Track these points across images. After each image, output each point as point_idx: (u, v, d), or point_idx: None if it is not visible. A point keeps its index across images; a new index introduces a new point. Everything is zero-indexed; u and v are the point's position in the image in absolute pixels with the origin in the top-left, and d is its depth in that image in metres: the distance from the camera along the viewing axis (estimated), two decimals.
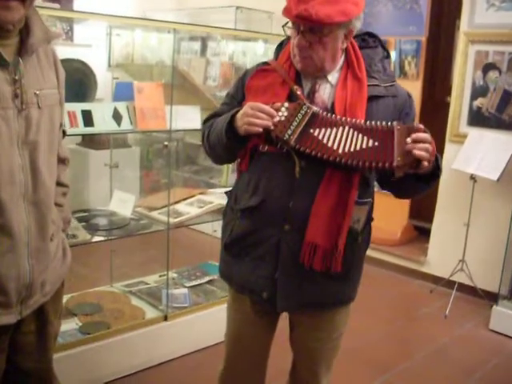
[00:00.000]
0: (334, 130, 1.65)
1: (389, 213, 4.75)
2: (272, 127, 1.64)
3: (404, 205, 4.88)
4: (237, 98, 1.88)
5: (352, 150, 1.63)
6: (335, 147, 1.63)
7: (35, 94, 1.48)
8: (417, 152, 1.57)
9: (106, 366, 2.89)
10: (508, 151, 3.88)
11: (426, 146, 1.59)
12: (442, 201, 4.51)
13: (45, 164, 1.52)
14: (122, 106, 2.89)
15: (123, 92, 3.03)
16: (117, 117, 2.85)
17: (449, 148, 4.39)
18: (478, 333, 3.79)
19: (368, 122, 1.65)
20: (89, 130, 2.76)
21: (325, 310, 1.87)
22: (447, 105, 4.56)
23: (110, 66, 4.84)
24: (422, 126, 1.62)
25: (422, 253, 4.74)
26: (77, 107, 2.70)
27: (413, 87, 4.77)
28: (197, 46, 5.64)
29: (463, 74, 4.27)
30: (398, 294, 4.42)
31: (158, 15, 5.05)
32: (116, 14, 2.80)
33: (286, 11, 1.68)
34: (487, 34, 4.09)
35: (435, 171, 1.69)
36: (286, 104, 1.67)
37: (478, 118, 4.22)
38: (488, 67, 4.14)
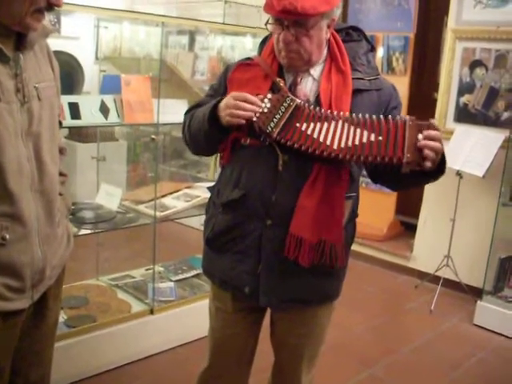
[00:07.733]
0: (326, 124, 1.60)
1: (375, 208, 4.78)
2: (254, 118, 1.60)
3: (390, 200, 4.90)
4: (219, 92, 1.84)
5: (350, 144, 1.58)
6: (328, 142, 1.58)
7: (35, 87, 1.51)
8: (427, 151, 1.53)
9: (92, 360, 2.88)
10: (494, 148, 3.90)
11: (438, 145, 1.54)
12: (428, 196, 4.54)
13: (48, 154, 1.56)
14: (109, 99, 2.87)
15: (110, 85, 3.02)
16: (104, 110, 2.83)
17: None
18: (463, 327, 3.82)
19: (366, 116, 1.60)
20: (76, 123, 2.75)
21: (308, 306, 1.83)
22: (434, 101, 4.58)
23: (97, 58, 4.82)
24: (433, 123, 1.58)
25: (407, 248, 4.77)
26: (64, 100, 2.68)
27: (400, 83, 4.79)
28: (185, 40, 5.62)
29: (450, 70, 4.30)
30: (383, 289, 4.45)
31: (146, 8, 5.02)
32: (104, 7, 2.78)
33: (268, 7, 1.64)
34: (474, 30, 4.12)
35: (440, 167, 1.62)
36: (269, 95, 1.63)
37: (464, 115, 4.25)
38: (475, 64, 4.17)
